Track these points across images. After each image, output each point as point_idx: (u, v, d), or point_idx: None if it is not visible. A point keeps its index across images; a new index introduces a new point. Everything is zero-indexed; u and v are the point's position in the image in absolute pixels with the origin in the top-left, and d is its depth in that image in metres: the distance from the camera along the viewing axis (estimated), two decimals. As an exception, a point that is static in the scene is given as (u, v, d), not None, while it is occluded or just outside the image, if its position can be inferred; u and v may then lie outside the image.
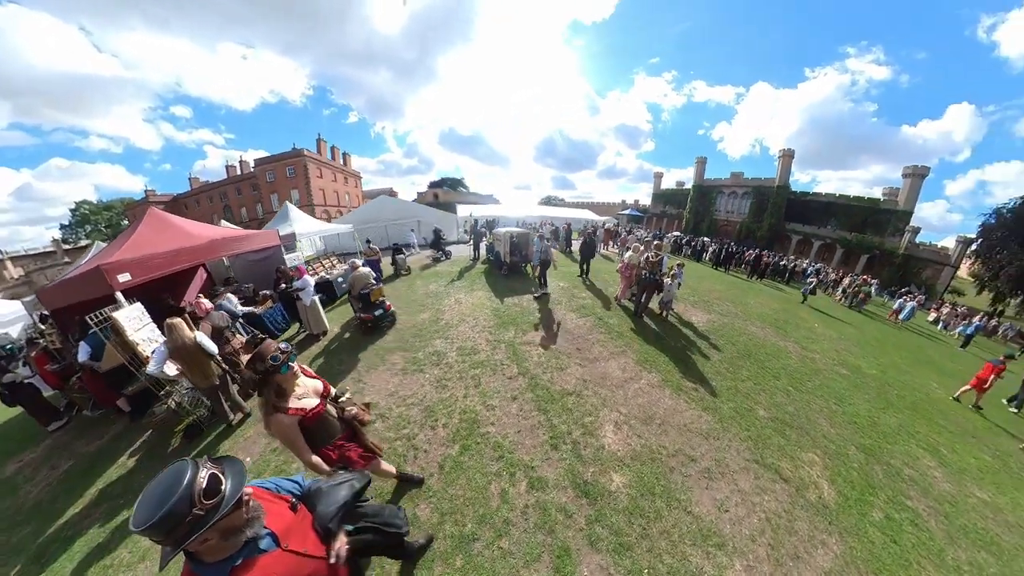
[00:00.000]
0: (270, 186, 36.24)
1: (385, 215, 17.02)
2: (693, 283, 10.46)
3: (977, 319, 13.38)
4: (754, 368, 5.28)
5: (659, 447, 3.39)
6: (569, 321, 6.32)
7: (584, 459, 3.20)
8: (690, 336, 6.17)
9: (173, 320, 3.42)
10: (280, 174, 35.69)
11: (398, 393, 4.00)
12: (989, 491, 3.68)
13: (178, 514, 0.87)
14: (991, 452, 4.62)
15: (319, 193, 36.58)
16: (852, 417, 4.50)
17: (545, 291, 7.63)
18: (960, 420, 5.38)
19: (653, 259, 6.13)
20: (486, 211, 27.59)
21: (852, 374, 5.92)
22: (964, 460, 4.19)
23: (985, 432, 5.24)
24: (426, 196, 53.45)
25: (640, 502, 2.82)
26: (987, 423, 5.63)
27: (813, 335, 7.63)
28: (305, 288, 5.77)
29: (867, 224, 27.98)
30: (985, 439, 4.96)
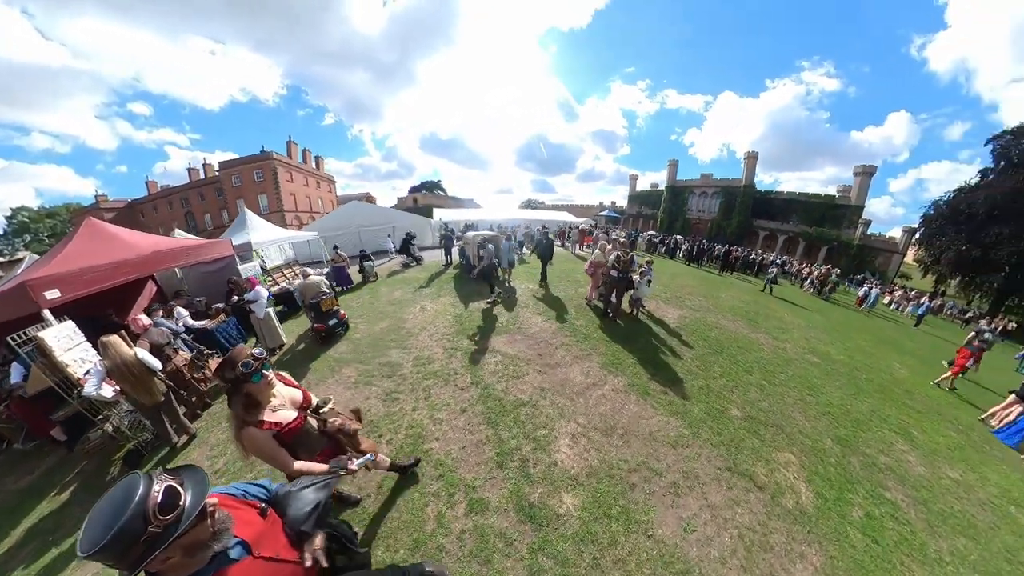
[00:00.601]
0: (236, 191, 33.22)
1: (357, 221, 16.30)
2: (666, 280, 10.52)
3: (926, 300, 14.48)
4: (726, 364, 5.12)
5: (619, 461, 3.06)
6: (534, 325, 6.00)
7: (532, 478, 2.86)
8: (661, 334, 5.96)
9: (108, 338, 3.17)
10: (247, 178, 32.94)
11: (349, 405, 3.80)
12: (960, 469, 3.74)
13: (131, 533, 0.80)
14: (956, 428, 4.78)
15: (289, 198, 34.10)
16: (826, 407, 4.38)
17: (497, 297, 7.24)
18: (924, 398, 5.56)
19: (624, 257, 5.88)
20: (465, 215, 27.15)
21: (823, 361, 5.89)
22: (934, 440, 4.27)
23: (948, 407, 5.46)
24: (406, 201, 52.74)
25: (593, 526, 2.49)
26: (949, 397, 5.92)
27: (783, 325, 7.65)
28: (257, 300, 5.40)
29: (825, 218, 30.20)
30: (948, 414, 5.16)
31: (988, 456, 4.22)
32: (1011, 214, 19.13)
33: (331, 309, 5.74)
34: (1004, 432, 4.81)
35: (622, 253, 5.90)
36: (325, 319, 5.61)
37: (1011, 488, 3.62)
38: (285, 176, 33.63)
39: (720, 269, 15.05)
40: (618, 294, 6.18)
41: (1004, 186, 19.71)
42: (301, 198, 36.01)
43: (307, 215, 35.31)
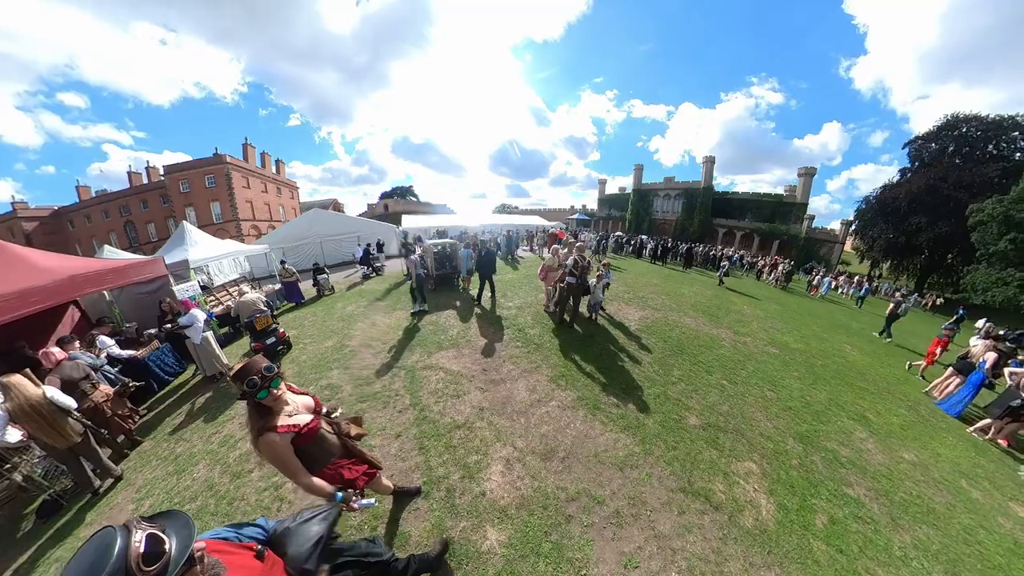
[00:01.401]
0: (184, 198, 29.45)
1: (318, 230, 15.26)
2: (631, 279, 10.53)
3: (865, 283, 15.87)
4: (687, 365, 4.92)
5: (556, 490, 2.70)
6: (485, 336, 5.59)
7: (457, 511, 2.54)
8: (620, 338, 5.66)
9: (9, 379, 2.89)
10: (197, 184, 29.15)
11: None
12: (914, 449, 3.81)
13: None
14: (906, 405, 4.95)
15: (246, 206, 30.56)
16: (787, 402, 4.28)
17: (421, 309, 6.82)
18: (875, 378, 5.74)
19: (581, 262, 5.45)
20: (436, 221, 26.52)
21: (781, 352, 5.92)
22: (888, 421, 4.35)
23: (896, 383, 5.70)
24: (377, 208, 50.41)
25: (518, 566, 2.16)
26: (897, 374, 6.21)
27: (743, 318, 7.73)
28: (192, 324, 4.78)
29: (776, 215, 32.63)
30: (897, 391, 5.36)
31: (936, 430, 4.41)
32: (926, 206, 21.76)
33: (268, 328, 5.35)
34: (946, 403, 5.09)
35: (579, 257, 5.49)
36: (262, 338, 5.24)
37: (960, 461, 3.77)
38: (241, 182, 30.30)
39: (684, 266, 15.45)
40: (575, 300, 5.83)
41: (919, 182, 22.38)
42: (259, 206, 32.55)
43: (266, 224, 32.21)
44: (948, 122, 23.54)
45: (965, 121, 22.98)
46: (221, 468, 3.03)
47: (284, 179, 37.83)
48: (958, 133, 23.11)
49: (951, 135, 23.44)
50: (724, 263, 12.46)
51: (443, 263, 9.41)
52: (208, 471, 3.03)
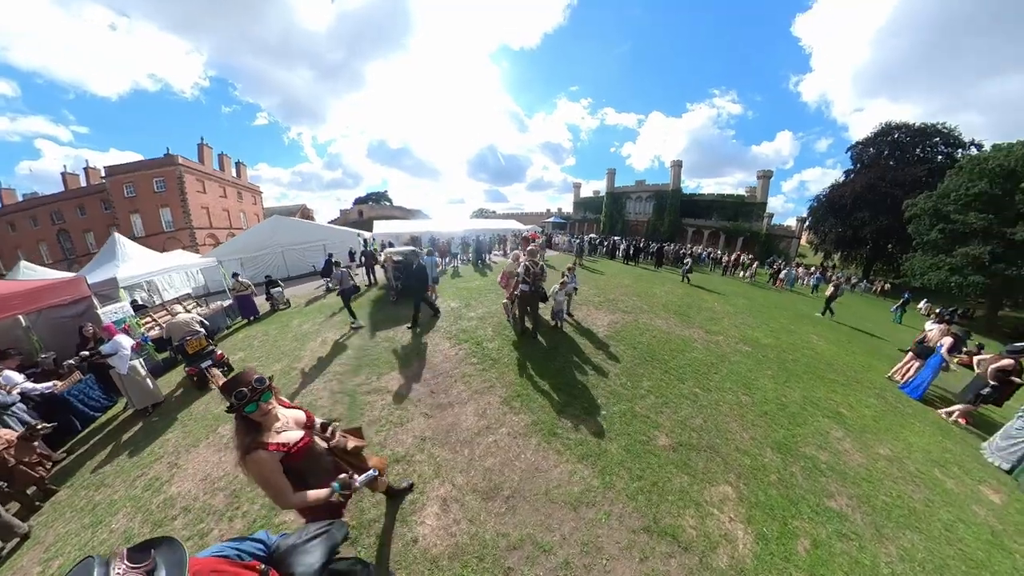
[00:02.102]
0: (129, 203, 25.96)
1: (280, 239, 14.09)
2: (603, 282, 10.37)
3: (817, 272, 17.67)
4: (657, 374, 4.57)
5: (497, 536, 2.32)
6: (439, 352, 5.11)
7: (380, 562, 2.19)
8: (587, 348, 5.23)
9: None
10: (144, 188, 25.75)
11: (211, 475, 3.04)
12: (888, 443, 3.73)
13: None
14: (874, 392, 4.97)
15: (201, 212, 27.55)
16: (762, 406, 4.06)
17: (357, 325, 6.37)
18: (843, 367, 5.78)
19: (534, 268, 4.96)
20: (410, 227, 25.61)
21: (753, 349, 5.81)
22: (861, 414, 4.28)
23: (862, 371, 5.79)
24: (350, 213, 48.20)
25: None
26: (861, 360, 6.34)
27: (714, 316, 7.67)
28: (116, 352, 4.19)
29: (739, 214, 34.27)
30: (864, 379, 5.43)
31: (904, 416, 4.43)
32: (868, 202, 23.94)
33: (202, 350, 4.86)
34: (908, 387, 5.23)
35: (531, 263, 4.98)
36: (196, 362, 4.78)
37: (930, 448, 3.77)
38: (195, 186, 27.29)
39: (655, 265, 15.63)
40: (532, 309, 5.30)
41: (861, 182, 24.69)
42: (217, 212, 29.29)
43: (225, 232, 29.32)
44: (883, 129, 26.11)
45: (896, 128, 25.54)
46: (142, 517, 2.70)
47: (246, 183, 34.41)
48: (891, 139, 25.66)
49: (885, 140, 25.95)
50: (687, 261, 12.51)
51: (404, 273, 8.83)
52: (128, 521, 2.70)
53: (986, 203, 13.96)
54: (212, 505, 2.73)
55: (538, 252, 5.66)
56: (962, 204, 14.55)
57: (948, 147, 23.30)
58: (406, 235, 23.76)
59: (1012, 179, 13.29)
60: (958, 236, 14.60)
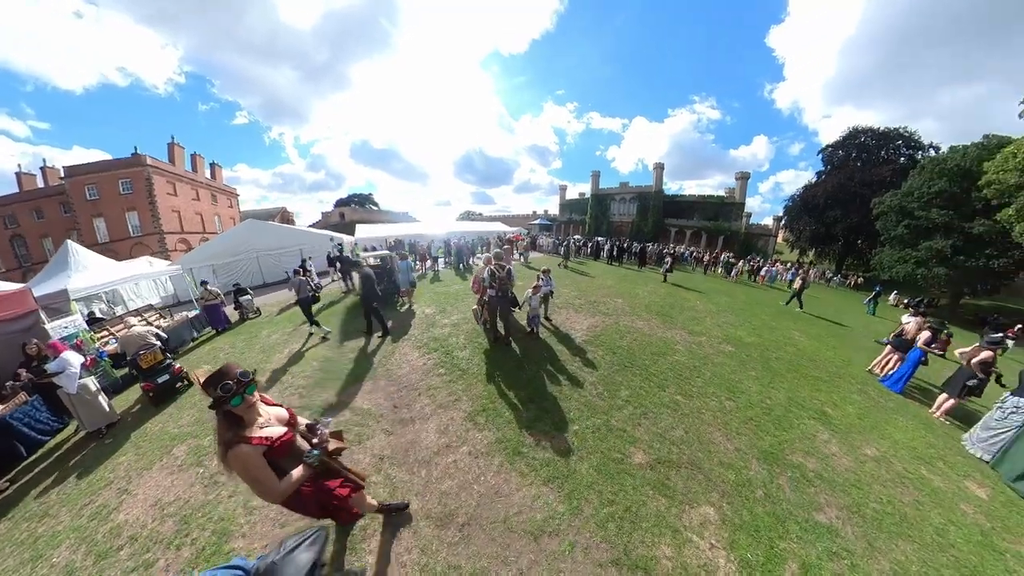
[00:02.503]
0: (92, 206, 23.75)
1: (255, 244, 13.35)
2: (586, 283, 10.24)
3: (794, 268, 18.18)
4: (637, 381, 4.33)
5: (448, 568, 2.10)
6: (407, 363, 4.83)
7: None
8: (563, 355, 4.96)
9: None
10: (108, 189, 23.55)
11: (162, 500, 2.87)
12: (874, 442, 3.66)
13: None
14: (857, 388, 4.94)
15: (171, 216, 25.69)
16: (747, 411, 3.88)
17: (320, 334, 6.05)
18: (825, 363, 5.78)
19: (500, 273, 4.70)
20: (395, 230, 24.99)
21: (736, 349, 5.70)
22: (845, 412, 4.20)
23: (844, 365, 5.81)
24: (332, 216, 46.60)
25: None
26: (841, 354, 6.39)
27: (696, 315, 7.58)
28: (64, 370, 3.83)
29: (719, 214, 35.27)
30: (846, 374, 5.42)
31: (887, 411, 4.41)
32: (839, 201, 25.00)
33: (158, 364, 4.60)
34: (889, 380, 5.23)
35: (496, 268, 4.75)
36: (152, 377, 4.52)
37: (915, 444, 3.72)
38: (165, 187, 25.33)
39: (638, 265, 15.65)
40: (502, 316, 5.05)
41: (833, 182, 25.78)
42: (189, 215, 27.42)
43: (198, 236, 27.45)
44: (850, 133, 27.46)
45: (863, 132, 26.92)
46: (86, 548, 2.51)
47: (220, 185, 32.33)
48: (858, 142, 26.99)
49: (853, 143, 27.25)
50: (667, 260, 12.45)
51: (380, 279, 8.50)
52: (71, 553, 2.51)
53: (946, 200, 14.64)
54: (160, 533, 2.56)
55: (505, 256, 5.40)
56: (924, 201, 15.22)
57: (909, 149, 24.71)
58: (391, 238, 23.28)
59: (968, 178, 13.97)
60: (922, 231, 15.27)
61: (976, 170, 13.60)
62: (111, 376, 5.21)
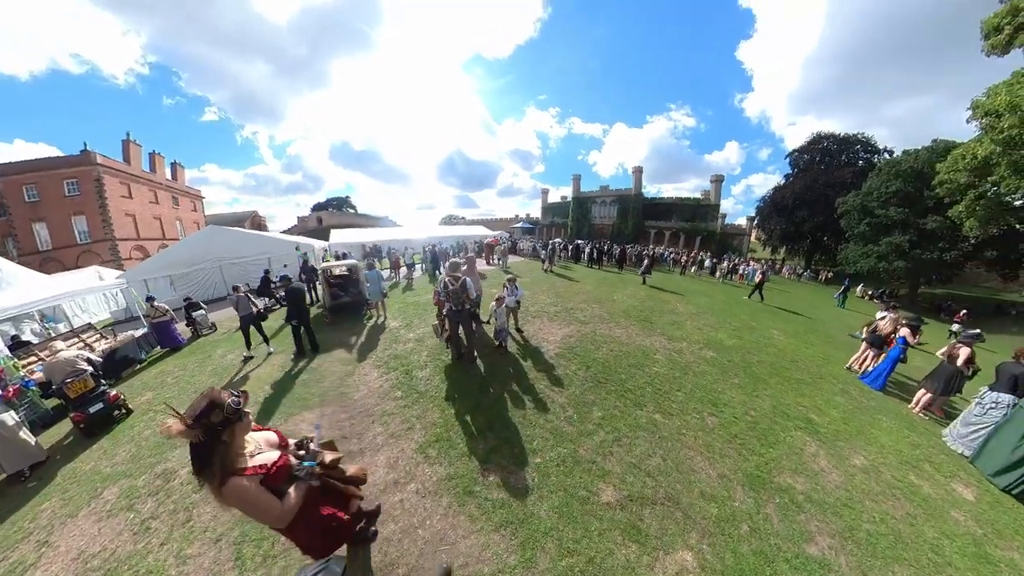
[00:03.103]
0: (31, 209, 20.76)
1: (218, 252, 12.30)
2: (564, 287, 10.00)
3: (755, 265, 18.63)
4: (611, 400, 3.93)
5: None
6: (364, 384, 4.40)
7: None
8: (531, 372, 4.51)
9: None
10: (51, 191, 20.72)
11: (86, 552, 2.54)
12: (861, 449, 3.52)
13: None
14: (839, 389, 4.84)
15: (125, 221, 22.77)
16: (730, 427, 3.59)
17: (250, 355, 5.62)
18: (806, 362, 5.72)
19: (453, 285, 4.22)
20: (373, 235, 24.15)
21: (718, 354, 5.48)
22: (830, 417, 4.07)
23: (824, 364, 5.81)
24: (308, 221, 44.75)
25: None
26: (819, 351, 6.43)
27: (677, 319, 7.38)
28: None
29: (696, 216, 36.19)
30: (827, 374, 5.36)
31: (870, 412, 4.32)
32: (806, 201, 26.31)
33: (89, 392, 4.10)
34: (868, 377, 5.22)
35: (450, 279, 4.26)
36: (83, 407, 4.02)
37: (901, 448, 3.62)
38: (119, 189, 22.49)
39: (618, 267, 15.62)
40: (465, 331, 4.57)
41: (800, 184, 27.27)
42: (146, 220, 24.48)
43: (157, 243, 24.67)
44: (814, 138, 29.14)
45: (825, 138, 28.57)
46: None
47: (183, 186, 29.34)
48: (822, 146, 28.62)
49: (817, 148, 28.85)
50: (645, 261, 12.26)
51: (345, 289, 7.93)
52: None
53: (902, 199, 15.45)
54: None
55: (469, 264, 4.99)
56: (883, 201, 16.01)
57: (867, 153, 26.41)
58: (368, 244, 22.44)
59: (921, 179, 14.81)
60: (882, 228, 16.09)
61: (928, 171, 14.42)
62: (40, 408, 4.56)
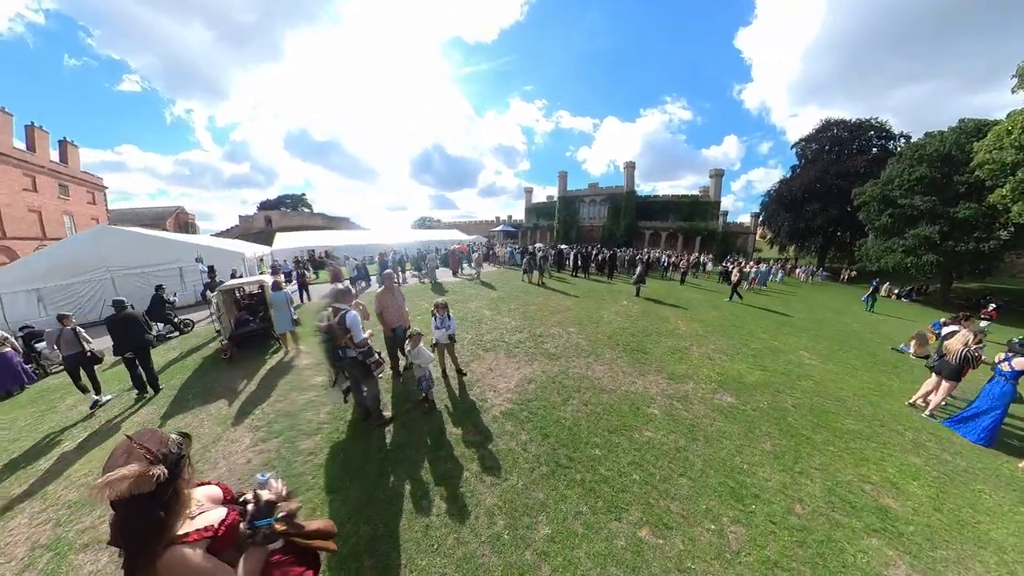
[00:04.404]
0: None
1: (109, 259, 10.13)
2: (539, 302, 8.91)
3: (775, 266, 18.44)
4: (572, 501, 2.67)
5: None
6: (226, 458, 3.28)
7: None
8: (461, 444, 3.35)
9: None
10: None
11: None
12: (971, 561, 2.41)
13: None
14: (909, 442, 3.81)
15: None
16: (765, 547, 2.34)
17: (96, 405, 4.58)
18: (854, 401, 4.64)
19: (329, 322, 3.31)
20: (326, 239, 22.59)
21: (738, 399, 4.30)
22: (912, 500, 2.95)
23: (877, 399, 4.78)
24: (255, 221, 41.86)
25: None
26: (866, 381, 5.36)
27: (678, 343, 6.24)
28: None
29: (694, 214, 35.98)
30: (885, 417, 4.32)
31: (963, 480, 3.27)
32: (817, 194, 26.01)
33: None
34: (969, 429, 4.01)
35: (331, 313, 3.36)
36: None
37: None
38: None
39: (608, 275, 14.56)
40: (368, 387, 3.50)
41: (809, 176, 26.93)
42: (16, 213, 19.96)
43: (35, 244, 20.18)
44: (823, 125, 29.19)
45: (835, 124, 28.65)
46: None
47: (76, 172, 24.72)
48: (831, 134, 28.67)
49: (826, 136, 28.92)
50: (638, 268, 11.04)
51: (255, 313, 6.72)
52: None
53: (927, 186, 15.03)
54: None
55: (352, 297, 3.75)
56: (906, 189, 15.58)
57: (881, 139, 26.53)
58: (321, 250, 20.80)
59: (948, 162, 14.41)
60: (907, 219, 15.60)
61: (956, 154, 14.05)
62: None
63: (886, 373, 5.78)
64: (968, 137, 13.71)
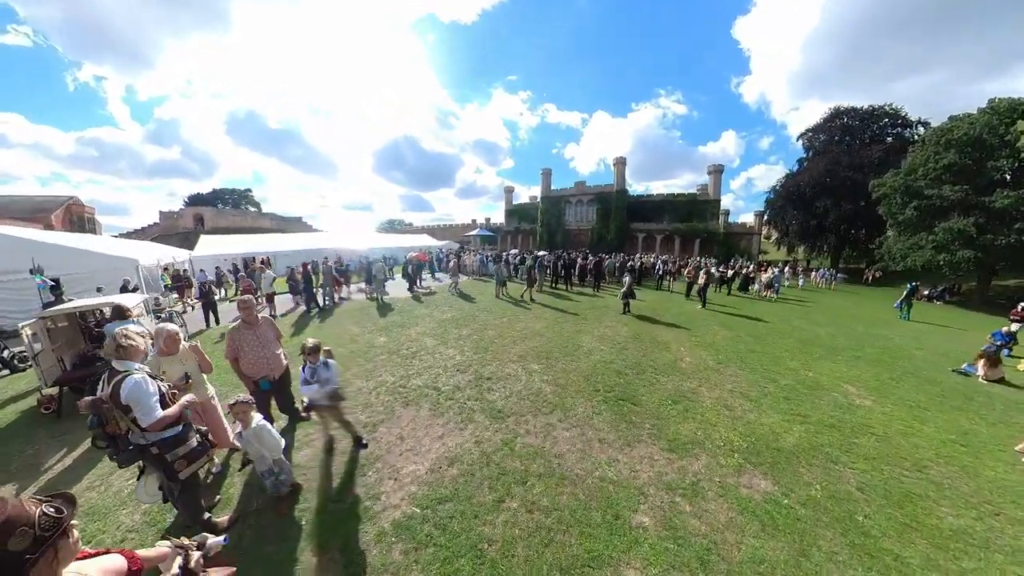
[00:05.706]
0: None
1: None
2: (500, 326, 7.78)
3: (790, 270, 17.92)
4: None
5: None
6: None
7: None
8: None
9: None
10: None
11: None
12: None
13: None
14: None
15: None
16: None
17: None
18: (938, 465, 3.55)
19: (104, 391, 2.10)
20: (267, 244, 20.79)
21: (775, 482, 3.07)
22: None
23: (962, 452, 3.80)
24: (181, 219, 38.63)
25: None
26: (944, 425, 4.43)
27: (682, 383, 5.09)
28: None
29: (692, 214, 35.85)
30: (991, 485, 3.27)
31: None
32: (828, 188, 26.00)
33: None
34: None
35: (105, 379, 2.21)
36: None
37: None
38: None
39: (594, 286, 13.48)
40: (177, 492, 2.32)
41: (818, 169, 27.01)
42: None
43: None
44: (832, 114, 29.55)
45: (844, 113, 29.05)
46: None
47: None
48: (841, 123, 29.09)
49: (836, 125, 29.34)
50: (626, 278, 10.09)
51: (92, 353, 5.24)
52: None
53: (957, 174, 14.74)
54: None
55: (166, 335, 2.79)
56: (933, 178, 15.25)
57: (896, 127, 26.92)
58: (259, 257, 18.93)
59: (979, 147, 14.11)
60: (935, 211, 15.22)
61: (988, 138, 13.77)
62: None
63: (962, 411, 4.74)
64: (1001, 118, 13.49)
